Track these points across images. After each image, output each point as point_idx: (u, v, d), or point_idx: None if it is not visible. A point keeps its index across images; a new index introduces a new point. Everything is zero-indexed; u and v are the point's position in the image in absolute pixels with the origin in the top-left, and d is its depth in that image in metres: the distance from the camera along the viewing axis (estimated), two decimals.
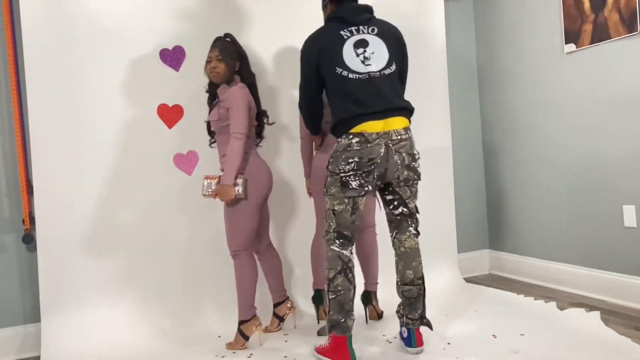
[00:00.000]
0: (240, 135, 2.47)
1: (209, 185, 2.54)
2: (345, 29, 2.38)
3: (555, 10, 3.24)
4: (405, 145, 2.31)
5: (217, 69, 2.57)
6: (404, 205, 2.37)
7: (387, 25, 2.50)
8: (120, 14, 2.85)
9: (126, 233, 2.85)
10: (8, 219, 2.78)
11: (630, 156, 2.87)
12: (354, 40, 2.36)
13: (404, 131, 2.32)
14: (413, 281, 2.36)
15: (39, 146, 2.70)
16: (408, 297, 2.36)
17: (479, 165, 3.93)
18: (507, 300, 3.07)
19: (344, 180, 2.28)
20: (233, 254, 2.59)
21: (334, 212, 2.33)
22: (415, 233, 2.41)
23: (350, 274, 2.31)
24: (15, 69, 2.71)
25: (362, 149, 2.25)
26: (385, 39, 2.41)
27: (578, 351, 2.25)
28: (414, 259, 2.38)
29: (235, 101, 2.50)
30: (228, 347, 2.57)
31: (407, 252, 2.37)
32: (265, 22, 3.08)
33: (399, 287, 2.40)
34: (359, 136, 2.26)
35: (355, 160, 2.25)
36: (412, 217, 2.40)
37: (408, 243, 2.38)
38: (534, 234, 3.53)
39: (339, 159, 2.28)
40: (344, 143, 2.28)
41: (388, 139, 2.27)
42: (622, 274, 2.94)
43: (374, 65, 2.33)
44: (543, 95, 3.37)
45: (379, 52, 2.36)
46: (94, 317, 2.74)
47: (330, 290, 2.30)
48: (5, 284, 2.77)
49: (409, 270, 2.37)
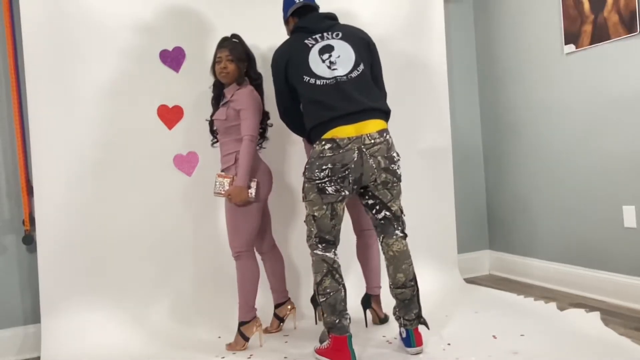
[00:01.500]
0: (252, 137, 2.50)
1: (221, 184, 2.53)
2: (310, 37, 2.41)
3: (555, 11, 3.24)
4: (381, 149, 2.29)
5: (227, 69, 2.57)
6: (386, 209, 2.35)
7: (351, 28, 2.51)
8: (120, 15, 2.85)
9: (126, 234, 2.85)
10: (8, 219, 2.78)
11: (630, 156, 2.87)
12: (319, 47, 2.38)
13: (378, 135, 2.30)
14: (405, 284, 2.36)
15: (39, 147, 2.70)
16: (402, 299, 2.36)
17: (479, 166, 3.93)
18: (507, 301, 3.07)
19: (320, 187, 2.29)
20: (235, 255, 2.59)
21: (314, 217, 2.34)
22: (402, 235, 2.39)
23: (337, 274, 2.32)
24: (15, 70, 2.71)
25: (334, 155, 2.25)
26: (351, 40, 2.41)
27: (578, 352, 2.25)
28: (404, 262, 2.37)
29: (248, 103, 2.52)
30: (228, 348, 2.57)
31: (396, 255, 2.36)
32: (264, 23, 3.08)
33: (392, 290, 2.40)
34: (331, 142, 2.26)
35: (329, 166, 2.26)
36: (397, 220, 2.38)
37: (396, 247, 2.36)
38: (534, 235, 3.53)
39: (313, 165, 2.30)
40: (317, 149, 2.30)
41: (361, 143, 2.26)
42: (622, 275, 2.94)
43: (340, 69, 2.33)
44: (543, 95, 3.37)
45: (345, 54, 2.37)
46: (94, 318, 2.74)
47: (320, 293, 2.31)
48: (5, 284, 2.77)
49: (399, 274, 2.36)
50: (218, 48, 2.63)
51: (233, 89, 2.60)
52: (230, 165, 2.57)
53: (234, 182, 2.49)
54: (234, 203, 2.50)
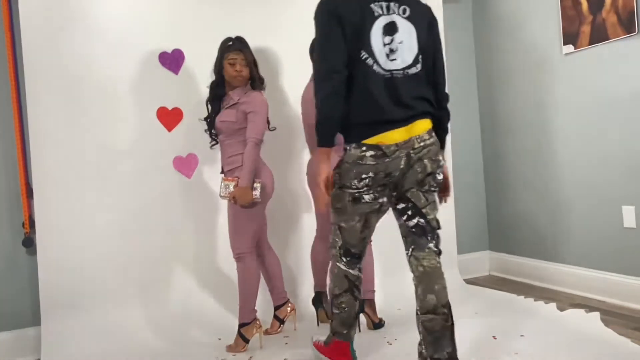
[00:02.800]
0: (258, 140, 2.51)
1: (226, 187, 2.53)
2: (376, 2, 1.89)
3: (554, 11, 3.24)
4: (430, 151, 1.92)
5: (242, 73, 2.58)
6: (420, 215, 1.95)
7: (419, 5, 1.99)
8: (119, 17, 2.86)
9: (126, 236, 2.85)
10: (8, 222, 2.78)
11: (629, 156, 2.87)
12: (385, 22, 1.88)
13: (428, 135, 1.93)
14: (436, 309, 1.89)
15: (39, 149, 2.70)
16: (430, 329, 1.89)
17: (479, 166, 3.93)
18: (507, 302, 3.07)
19: (356, 196, 1.95)
20: (237, 256, 2.59)
21: (340, 228, 2.03)
22: (436, 251, 1.98)
23: (357, 291, 2.13)
24: (14, 72, 2.71)
25: (377, 163, 1.88)
26: (416, 22, 1.93)
27: (578, 352, 2.25)
28: (436, 281, 1.92)
29: (259, 107, 2.53)
30: (228, 350, 2.57)
31: (427, 271, 1.93)
32: (264, 26, 3.09)
33: (419, 317, 1.93)
34: (375, 149, 1.87)
35: (370, 176, 1.90)
36: (432, 232, 1.97)
37: (427, 261, 1.94)
38: (534, 235, 3.53)
39: (349, 173, 1.91)
40: (354, 154, 1.90)
41: (410, 147, 1.89)
42: (622, 275, 2.94)
43: (399, 60, 1.88)
44: (542, 96, 3.38)
45: (407, 41, 1.90)
46: (94, 320, 2.74)
47: (335, 305, 2.15)
48: (5, 287, 2.77)
49: (430, 295, 1.91)
50: (228, 49, 2.60)
51: (241, 92, 2.59)
52: (237, 167, 2.55)
53: (239, 184, 2.49)
54: (239, 205, 2.49)
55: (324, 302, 2.88)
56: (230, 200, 2.51)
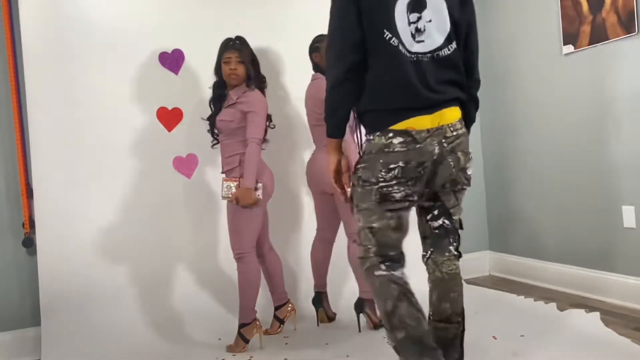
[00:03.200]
0: (259, 140, 2.51)
1: (228, 187, 2.52)
2: None
3: (554, 11, 3.24)
4: (462, 143, 1.78)
5: (237, 71, 2.57)
6: (446, 216, 1.80)
7: None
8: (119, 17, 2.86)
9: (126, 236, 2.85)
10: (8, 222, 2.78)
11: (629, 157, 2.87)
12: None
13: (460, 124, 1.77)
14: (450, 318, 1.80)
15: (39, 150, 2.71)
16: (442, 338, 1.80)
17: (479, 167, 3.93)
18: (507, 302, 3.07)
19: (384, 192, 1.69)
20: (237, 257, 2.58)
21: (371, 230, 1.74)
22: (456, 255, 1.83)
23: (413, 298, 1.71)
24: (14, 72, 2.72)
25: (408, 150, 1.67)
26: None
27: (578, 352, 2.25)
28: (453, 289, 1.81)
29: (257, 107, 2.53)
30: (228, 350, 2.57)
31: (445, 278, 1.81)
32: (264, 25, 3.09)
33: (432, 323, 1.82)
34: (404, 135, 1.67)
35: (400, 165, 1.67)
36: (454, 234, 1.83)
37: (447, 267, 1.81)
38: (534, 235, 3.53)
39: (376, 163, 1.69)
40: (378, 142, 1.69)
41: (442, 136, 1.71)
42: (622, 275, 2.94)
43: (427, 41, 1.68)
44: (542, 96, 3.37)
45: (437, 20, 1.69)
46: (94, 321, 2.74)
47: (395, 327, 1.69)
48: (5, 287, 2.77)
49: (445, 304, 1.80)
50: (226, 49, 2.60)
51: (240, 91, 2.59)
52: (235, 167, 2.56)
53: (241, 185, 2.49)
54: (241, 205, 2.49)
55: (324, 302, 2.88)
56: (232, 201, 2.51)
